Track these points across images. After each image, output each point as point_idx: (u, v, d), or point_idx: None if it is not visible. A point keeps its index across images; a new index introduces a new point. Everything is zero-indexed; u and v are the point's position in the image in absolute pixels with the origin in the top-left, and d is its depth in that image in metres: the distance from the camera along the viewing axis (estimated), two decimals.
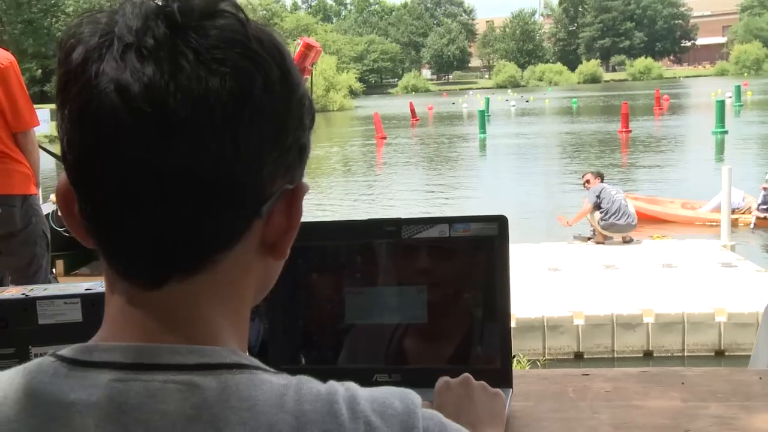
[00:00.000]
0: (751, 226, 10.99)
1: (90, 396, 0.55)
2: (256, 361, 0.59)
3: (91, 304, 1.24)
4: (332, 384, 0.59)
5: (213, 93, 0.54)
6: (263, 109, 0.56)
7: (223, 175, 0.55)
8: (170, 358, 0.56)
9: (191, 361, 0.56)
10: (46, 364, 0.58)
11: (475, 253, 1.20)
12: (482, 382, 1.06)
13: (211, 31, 0.55)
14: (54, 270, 6.19)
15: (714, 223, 11.14)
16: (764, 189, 11.42)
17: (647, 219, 10.58)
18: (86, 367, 0.56)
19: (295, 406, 0.55)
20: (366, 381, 0.61)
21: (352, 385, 0.59)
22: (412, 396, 0.60)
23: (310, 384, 0.58)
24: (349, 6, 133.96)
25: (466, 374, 1.05)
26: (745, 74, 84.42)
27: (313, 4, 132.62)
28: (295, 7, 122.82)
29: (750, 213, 11.21)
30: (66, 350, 0.58)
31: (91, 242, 0.59)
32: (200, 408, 0.54)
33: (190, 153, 0.54)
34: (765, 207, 11.29)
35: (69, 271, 6.60)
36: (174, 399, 0.54)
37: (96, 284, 1.27)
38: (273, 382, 0.57)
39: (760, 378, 1.22)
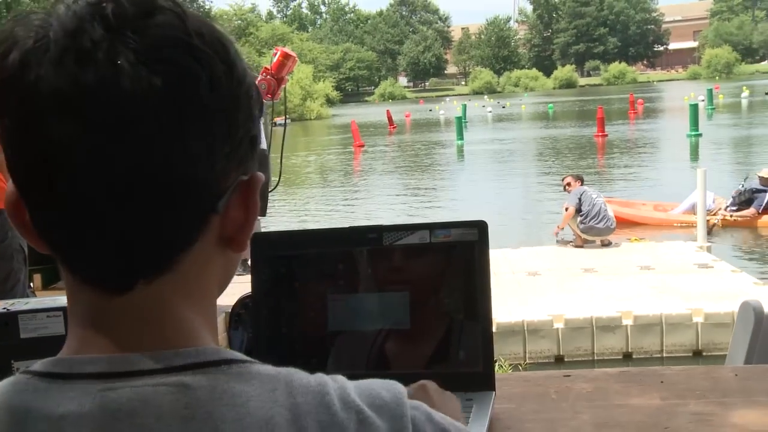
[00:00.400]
0: (716, 220, 11.15)
1: (80, 407, 0.54)
2: (239, 355, 0.58)
3: None
4: (321, 376, 0.59)
5: (156, 93, 0.52)
6: (211, 106, 0.55)
7: (176, 174, 0.54)
8: (156, 363, 0.55)
9: (177, 363, 0.56)
10: (22, 381, 0.56)
11: (456, 259, 1.22)
12: (434, 384, 1.03)
13: (149, 30, 0.53)
14: (32, 284, 6.12)
15: (686, 225, 11.36)
16: (736, 192, 11.67)
17: (622, 221, 10.68)
18: (68, 379, 0.55)
19: (287, 399, 0.56)
20: None
21: (340, 377, 0.60)
22: (397, 386, 0.62)
23: (299, 376, 0.58)
24: (324, 15, 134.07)
25: (422, 381, 1.04)
26: (717, 78, 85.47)
27: (288, 13, 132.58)
28: (271, 17, 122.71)
29: (725, 217, 11.37)
30: (37, 365, 0.57)
31: (46, 248, 0.58)
32: (194, 407, 0.54)
33: (140, 155, 0.53)
34: (734, 209, 11.53)
35: (47, 284, 6.53)
36: (166, 401, 0.54)
37: None
38: (262, 374, 0.57)
39: (736, 375, 1.25)
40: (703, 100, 36.14)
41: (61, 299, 1.29)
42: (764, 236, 10.88)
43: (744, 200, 11.55)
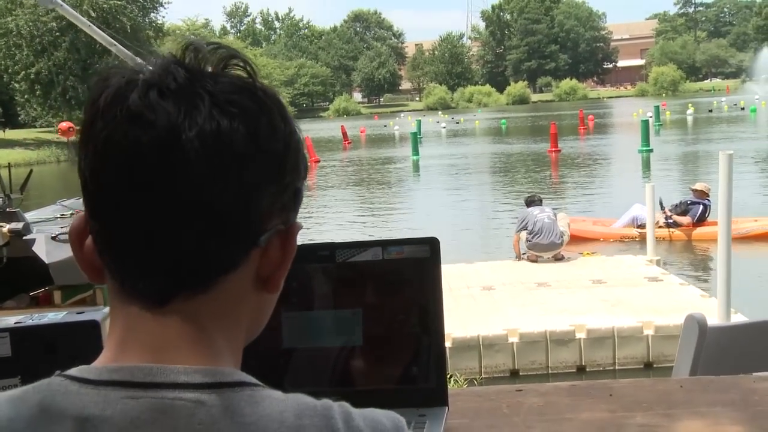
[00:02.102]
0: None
1: (103, 411, 0.58)
2: (253, 379, 0.62)
3: (20, 338, 1.21)
4: (327, 401, 0.63)
5: (223, 131, 0.60)
6: (266, 148, 0.63)
7: (228, 204, 0.61)
8: (176, 377, 0.60)
9: (196, 380, 0.60)
10: (56, 382, 0.61)
11: (408, 275, 1.23)
12: None
13: (224, 79, 0.63)
14: None
15: (628, 238, 11.67)
16: (672, 205, 12.03)
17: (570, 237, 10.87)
18: (96, 385, 0.60)
19: (295, 421, 0.60)
20: None
21: (344, 403, 0.64)
22: (397, 416, 0.66)
23: (306, 400, 0.62)
24: (278, 30, 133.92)
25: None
26: (663, 95, 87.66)
27: (242, 29, 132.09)
28: (224, 32, 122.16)
29: (660, 227, 11.63)
30: (73, 370, 0.62)
31: (97, 278, 0.65)
32: (207, 424, 0.58)
33: (200, 183, 0.60)
34: (671, 221, 11.85)
35: None
36: (182, 415, 0.58)
37: (26, 317, 1.25)
38: (272, 398, 0.61)
39: (681, 386, 1.28)
40: (651, 117, 37.04)
41: (7, 320, 1.26)
42: (704, 248, 11.17)
43: (680, 212, 11.97)
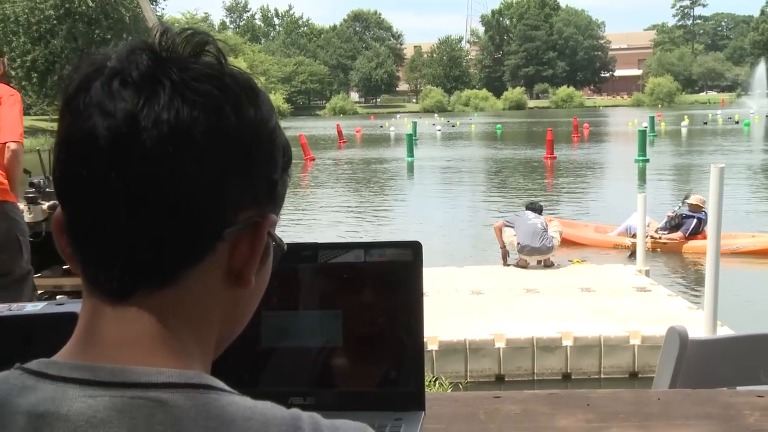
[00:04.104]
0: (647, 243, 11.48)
1: (59, 409, 0.56)
2: (221, 384, 0.60)
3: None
4: (296, 410, 0.61)
5: (183, 120, 0.59)
6: (229, 137, 0.60)
7: (186, 195, 0.59)
8: (138, 377, 0.58)
9: (159, 380, 0.58)
10: (14, 376, 0.59)
11: (389, 278, 1.23)
12: None
13: (190, 66, 0.61)
14: None
15: (621, 247, 11.78)
16: (668, 216, 12.04)
17: (564, 241, 10.92)
18: (55, 381, 0.58)
19: (261, 429, 0.58)
20: (281, 404, 0.63)
21: (315, 414, 0.62)
22: (369, 429, 0.64)
23: (274, 409, 0.60)
24: (277, 27, 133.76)
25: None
26: (659, 106, 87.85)
27: (241, 24, 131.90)
28: (223, 27, 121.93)
29: (654, 237, 11.65)
30: (32, 363, 0.60)
31: (75, 263, 0.63)
32: (168, 424, 0.56)
33: (156, 173, 0.58)
34: (664, 232, 11.90)
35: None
36: (142, 414, 0.56)
37: (4, 308, 1.24)
38: (239, 404, 0.59)
39: (659, 399, 1.28)
40: (646, 127, 37.17)
41: None
42: (696, 261, 11.19)
43: (674, 225, 11.99)
